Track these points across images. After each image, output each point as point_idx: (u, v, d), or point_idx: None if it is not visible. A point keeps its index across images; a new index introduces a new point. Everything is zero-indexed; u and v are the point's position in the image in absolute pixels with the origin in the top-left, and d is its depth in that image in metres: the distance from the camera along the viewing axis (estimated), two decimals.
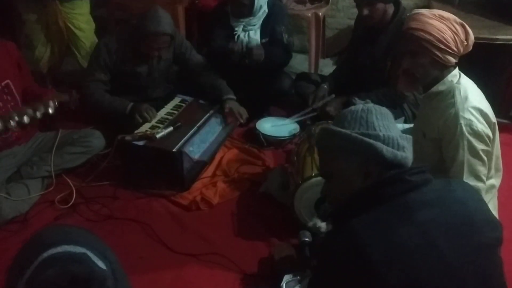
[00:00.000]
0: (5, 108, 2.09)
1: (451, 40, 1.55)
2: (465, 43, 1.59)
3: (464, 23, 1.58)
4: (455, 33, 1.55)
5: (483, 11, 3.00)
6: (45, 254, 0.71)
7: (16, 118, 1.96)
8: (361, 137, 1.09)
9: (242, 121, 2.57)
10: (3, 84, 2.09)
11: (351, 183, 1.13)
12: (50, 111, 2.07)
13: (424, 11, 1.61)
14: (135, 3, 3.20)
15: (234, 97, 2.59)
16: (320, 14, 3.30)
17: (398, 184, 1.05)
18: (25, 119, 1.98)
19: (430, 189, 1.06)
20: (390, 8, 2.39)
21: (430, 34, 1.54)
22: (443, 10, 1.65)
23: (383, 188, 1.05)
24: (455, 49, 1.57)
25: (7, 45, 2.17)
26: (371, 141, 1.09)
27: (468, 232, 1.03)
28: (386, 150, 1.08)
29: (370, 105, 1.16)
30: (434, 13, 1.58)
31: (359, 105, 1.16)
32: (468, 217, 1.05)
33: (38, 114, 2.03)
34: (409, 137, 1.14)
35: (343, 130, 1.12)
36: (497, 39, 2.70)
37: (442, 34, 1.54)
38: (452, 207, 1.05)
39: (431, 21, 1.56)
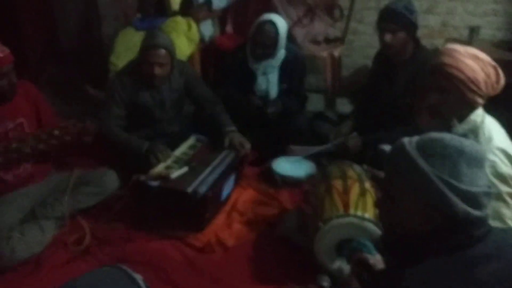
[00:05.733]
0: None
1: (482, 82, 1.50)
2: (495, 86, 1.55)
3: (497, 65, 1.54)
4: (487, 75, 1.51)
5: (499, 50, 3.00)
6: None
7: (33, 142, 2.01)
8: (441, 185, 0.97)
9: (245, 151, 2.51)
10: (17, 122, 2.12)
11: (409, 218, 1.03)
12: (66, 138, 2.06)
13: (459, 48, 1.56)
14: None
15: (234, 129, 2.56)
16: (336, 54, 3.33)
17: (462, 238, 0.98)
18: (41, 145, 2.02)
19: (490, 241, 0.99)
20: (410, 44, 2.39)
21: (463, 73, 1.50)
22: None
23: (446, 240, 0.99)
24: (485, 91, 1.52)
25: (25, 85, 2.21)
26: (450, 194, 0.96)
27: None
28: (461, 210, 0.96)
29: (467, 143, 1.01)
30: (469, 51, 1.54)
31: (454, 139, 1.01)
32: None
33: (54, 140, 2.04)
34: (494, 192, 1.05)
35: (424, 167, 0.98)
36: None
37: (475, 75, 1.50)
38: (510, 262, 0.98)
39: (465, 60, 1.51)
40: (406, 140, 1.05)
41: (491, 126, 1.59)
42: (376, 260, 1.40)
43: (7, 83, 2.03)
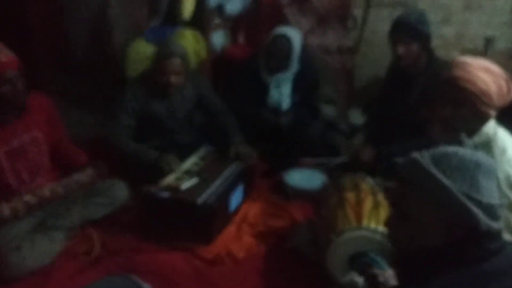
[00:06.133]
0: (33, 160, 2.12)
1: (494, 94, 1.51)
2: (507, 98, 1.55)
3: (508, 77, 1.55)
4: (499, 87, 1.52)
5: None
6: None
7: (47, 195, 2.07)
8: (463, 198, 0.96)
9: (252, 162, 2.52)
10: (32, 136, 2.13)
11: (426, 233, 1.02)
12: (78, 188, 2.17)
13: (470, 60, 1.57)
14: None
15: (240, 139, 2.57)
16: (349, 64, 3.33)
17: (477, 252, 0.97)
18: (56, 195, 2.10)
19: (505, 255, 0.99)
20: (424, 56, 2.39)
21: (476, 86, 1.51)
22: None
23: (461, 254, 0.98)
24: (497, 103, 1.54)
25: (40, 99, 2.22)
26: (473, 208, 0.96)
27: None
28: (484, 222, 0.96)
29: (480, 156, 1.02)
30: (480, 64, 1.55)
31: (468, 152, 1.03)
32: None
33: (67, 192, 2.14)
34: (506, 203, 1.07)
35: (444, 181, 0.98)
36: None
37: (487, 88, 1.51)
38: None
39: (477, 72, 1.52)
40: (418, 155, 1.05)
41: (504, 138, 1.59)
42: (388, 275, 1.39)
43: (10, 89, 1.95)
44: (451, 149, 1.04)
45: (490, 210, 0.97)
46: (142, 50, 3.07)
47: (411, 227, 1.04)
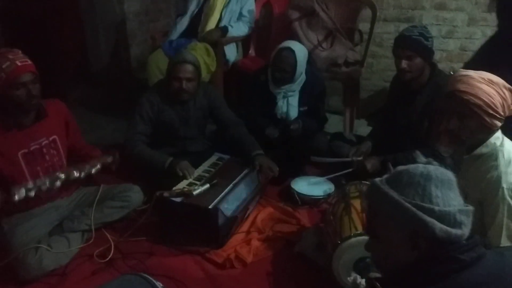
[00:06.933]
0: (51, 162, 2.19)
1: (499, 105, 1.52)
2: (511, 108, 1.57)
3: (511, 87, 1.56)
4: (503, 98, 1.53)
5: None
6: None
7: (63, 177, 2.09)
8: (413, 209, 1.00)
9: (273, 175, 2.55)
10: (50, 139, 2.20)
11: (396, 251, 1.06)
12: (93, 171, 2.17)
13: (472, 73, 1.58)
14: None
15: (262, 152, 2.60)
16: (355, 76, 3.36)
17: (449, 264, 0.99)
18: (72, 177, 2.12)
19: (483, 266, 1.00)
20: (427, 69, 2.42)
21: (480, 99, 1.51)
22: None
23: (434, 267, 1.00)
24: (502, 113, 1.54)
25: (56, 104, 2.29)
26: (424, 216, 0.99)
27: None
28: (440, 229, 0.98)
29: (431, 168, 1.06)
30: (483, 76, 1.55)
31: (419, 167, 1.07)
32: None
33: (83, 175, 2.15)
34: (470, 209, 1.05)
35: (395, 196, 1.03)
36: None
37: (491, 99, 1.51)
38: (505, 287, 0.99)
39: (480, 85, 1.53)
40: (377, 179, 1.11)
41: (511, 149, 1.59)
42: None
43: (25, 93, 1.98)
44: (403, 167, 1.09)
45: (446, 217, 0.99)
46: (160, 62, 3.15)
47: (383, 247, 1.09)
